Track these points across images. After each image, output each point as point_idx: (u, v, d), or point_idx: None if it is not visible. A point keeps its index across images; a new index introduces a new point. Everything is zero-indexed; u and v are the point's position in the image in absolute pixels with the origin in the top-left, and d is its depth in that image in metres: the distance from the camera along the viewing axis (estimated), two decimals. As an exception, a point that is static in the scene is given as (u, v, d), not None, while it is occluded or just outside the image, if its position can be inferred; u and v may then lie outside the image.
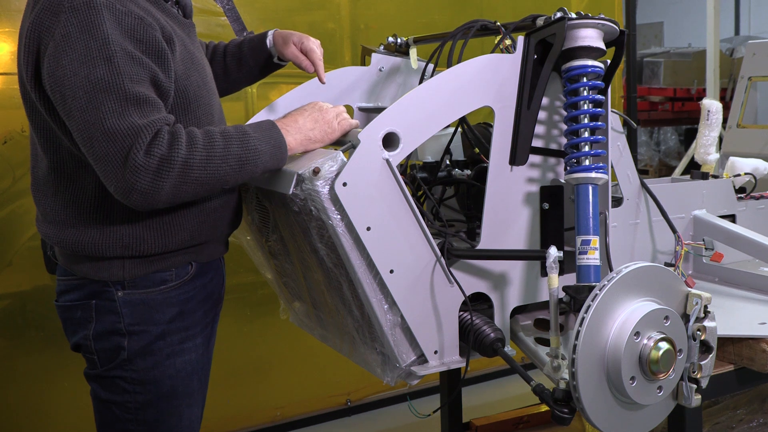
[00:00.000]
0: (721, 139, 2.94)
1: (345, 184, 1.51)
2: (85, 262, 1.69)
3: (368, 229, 1.54)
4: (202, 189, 1.54)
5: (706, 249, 2.05)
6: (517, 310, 1.77)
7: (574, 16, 1.65)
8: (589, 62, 1.64)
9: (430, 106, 1.61)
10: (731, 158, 2.70)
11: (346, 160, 1.53)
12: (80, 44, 1.49)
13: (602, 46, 1.66)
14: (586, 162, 1.62)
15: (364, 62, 2.29)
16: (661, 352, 1.41)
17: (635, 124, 2.58)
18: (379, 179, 1.55)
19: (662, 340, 1.42)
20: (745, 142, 2.85)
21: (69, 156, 1.64)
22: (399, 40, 2.24)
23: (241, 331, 3.44)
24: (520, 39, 1.68)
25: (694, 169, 2.27)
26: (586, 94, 1.64)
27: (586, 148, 1.62)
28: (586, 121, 1.63)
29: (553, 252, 1.49)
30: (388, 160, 1.55)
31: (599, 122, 1.65)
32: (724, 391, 2.09)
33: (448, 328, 1.67)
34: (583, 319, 1.39)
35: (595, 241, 1.56)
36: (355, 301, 1.68)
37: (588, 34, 1.64)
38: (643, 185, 1.99)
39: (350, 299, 1.69)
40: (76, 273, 1.71)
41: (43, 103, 1.60)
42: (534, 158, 1.72)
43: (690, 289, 1.50)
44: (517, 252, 1.73)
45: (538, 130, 1.72)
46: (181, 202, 1.60)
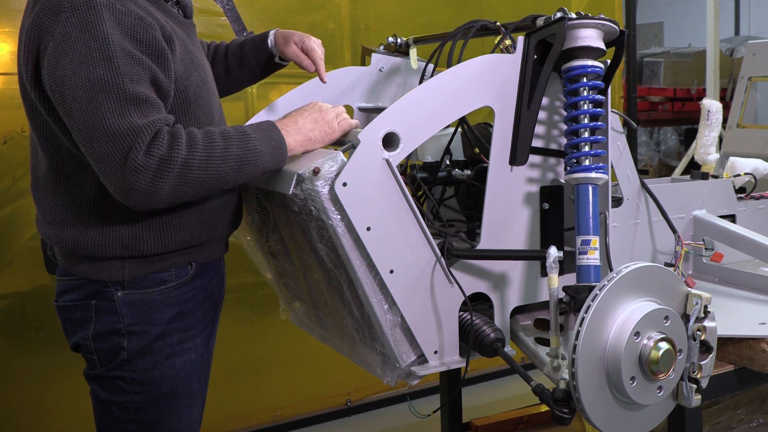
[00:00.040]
0: (721, 139, 2.94)
1: (345, 184, 1.51)
2: (84, 263, 1.69)
3: (368, 229, 1.54)
4: (202, 189, 1.54)
5: (706, 249, 2.05)
6: (517, 310, 1.77)
7: (574, 16, 1.65)
8: (589, 62, 1.64)
9: (430, 106, 1.61)
10: (731, 158, 2.70)
11: (346, 160, 1.53)
12: (80, 44, 1.49)
13: (602, 46, 1.66)
14: (586, 162, 1.62)
15: (364, 62, 2.29)
16: (661, 352, 1.41)
17: (635, 124, 2.58)
18: (379, 179, 1.55)
19: (662, 340, 1.42)
20: (745, 142, 2.85)
21: (69, 156, 1.64)
22: (399, 40, 2.24)
23: (241, 332, 3.43)
24: (520, 39, 1.68)
25: (694, 169, 2.27)
26: (586, 94, 1.64)
27: (586, 148, 1.62)
28: (586, 121, 1.63)
29: (553, 252, 1.48)
30: (388, 160, 1.55)
31: (599, 122, 1.65)
32: (724, 391, 2.09)
33: (448, 328, 1.67)
34: (583, 319, 1.39)
35: (595, 241, 1.56)
36: (355, 302, 1.68)
37: (588, 34, 1.64)
38: (643, 185, 1.99)
39: (350, 299, 1.69)
40: (76, 273, 1.71)
41: (43, 103, 1.60)
42: (534, 158, 1.72)
43: (690, 289, 1.50)
44: (517, 252, 1.73)
45: (538, 130, 1.72)
46: (180, 203, 1.60)
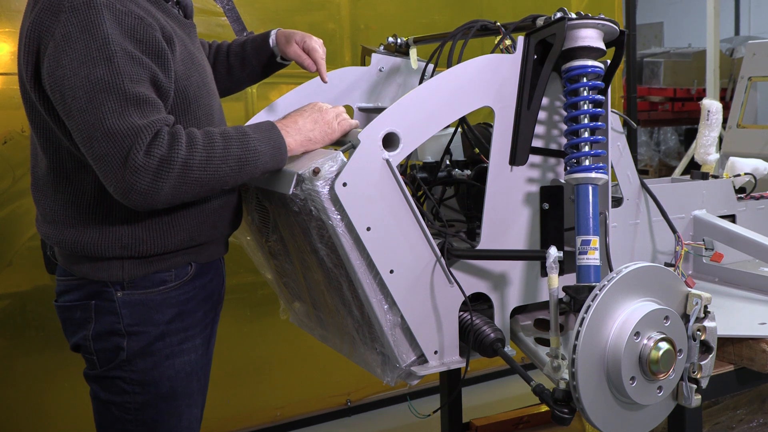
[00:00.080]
0: (721, 139, 2.94)
1: (345, 185, 1.51)
2: (84, 263, 1.69)
3: (368, 229, 1.54)
4: (202, 189, 1.54)
5: (706, 249, 2.05)
6: (517, 310, 1.77)
7: (574, 16, 1.65)
8: (589, 62, 1.64)
9: (430, 106, 1.61)
10: (731, 158, 2.70)
11: (346, 160, 1.53)
12: (80, 44, 1.49)
13: (602, 46, 1.66)
14: (586, 162, 1.62)
15: (364, 62, 2.29)
16: (661, 352, 1.41)
17: (635, 125, 2.58)
18: (379, 179, 1.55)
19: (662, 340, 1.42)
20: (745, 142, 2.85)
21: (68, 156, 1.64)
22: (399, 41, 2.24)
23: (241, 332, 3.43)
24: (520, 39, 1.68)
25: (694, 169, 2.27)
26: (586, 94, 1.64)
27: (586, 148, 1.62)
28: (586, 121, 1.63)
29: (553, 252, 1.48)
30: (388, 161, 1.55)
31: (599, 122, 1.65)
32: (724, 391, 2.09)
33: (448, 328, 1.67)
34: (583, 319, 1.39)
35: (595, 241, 1.56)
36: (355, 302, 1.68)
37: (588, 35, 1.64)
38: (643, 185, 1.99)
39: (350, 299, 1.69)
40: (76, 273, 1.71)
41: (43, 103, 1.60)
42: (534, 158, 1.72)
43: (690, 289, 1.50)
44: (517, 252, 1.73)
45: (538, 130, 1.72)
46: (180, 203, 1.60)
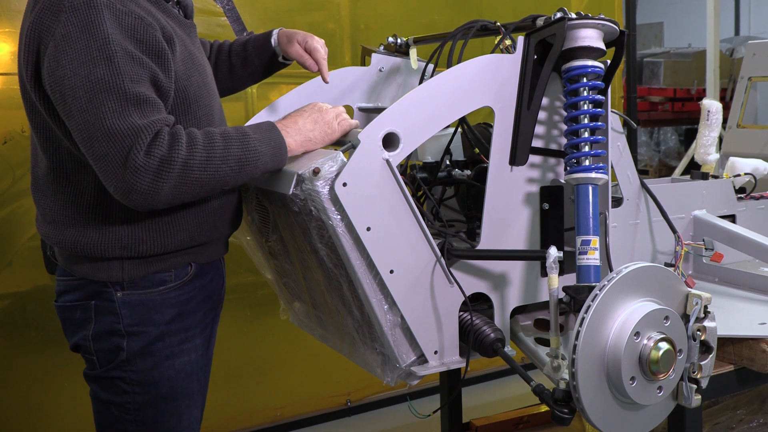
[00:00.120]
0: (721, 140, 2.94)
1: (345, 185, 1.51)
2: (84, 263, 1.69)
3: (368, 229, 1.54)
4: (202, 190, 1.54)
5: (706, 249, 2.05)
6: (517, 310, 1.77)
7: (574, 16, 1.65)
8: (589, 62, 1.64)
9: (430, 107, 1.61)
10: (731, 158, 2.70)
11: (346, 160, 1.53)
12: (80, 44, 1.49)
13: (602, 46, 1.66)
14: (586, 162, 1.62)
15: (364, 62, 2.29)
16: (661, 353, 1.41)
17: (635, 125, 2.58)
18: (379, 179, 1.55)
19: (662, 340, 1.42)
20: (745, 142, 2.85)
21: (68, 156, 1.64)
22: (399, 41, 2.24)
23: (241, 332, 3.43)
24: (520, 39, 1.68)
25: (694, 170, 2.27)
26: (586, 94, 1.64)
27: (586, 149, 1.62)
28: (586, 121, 1.63)
29: (553, 252, 1.48)
30: (388, 161, 1.55)
31: (599, 122, 1.65)
32: (724, 391, 2.09)
33: (448, 329, 1.67)
34: (583, 319, 1.39)
35: (595, 241, 1.56)
36: (355, 302, 1.68)
37: (588, 35, 1.64)
38: (643, 185, 1.99)
39: (350, 299, 1.69)
40: (76, 273, 1.71)
41: (43, 103, 1.60)
42: (534, 158, 1.72)
43: (690, 290, 1.49)
44: (517, 252, 1.73)
45: (538, 130, 1.72)
46: (180, 203, 1.60)
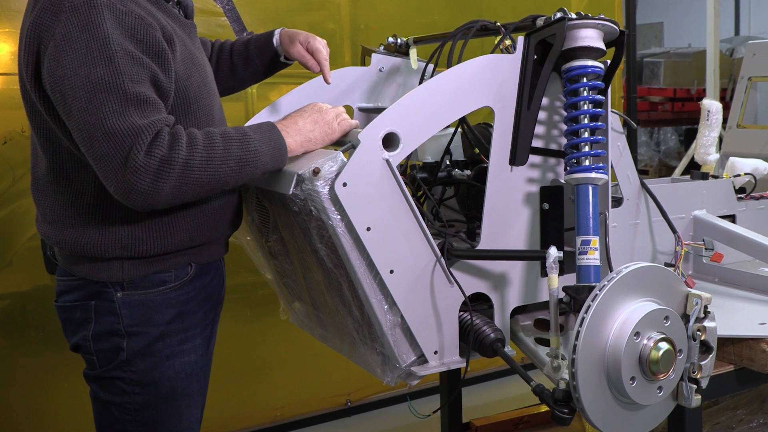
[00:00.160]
0: (721, 140, 2.94)
1: (345, 185, 1.51)
2: (84, 263, 1.69)
3: (368, 229, 1.54)
4: (202, 190, 1.54)
5: (706, 249, 2.05)
6: (517, 311, 1.77)
7: (574, 16, 1.65)
8: (589, 62, 1.64)
9: (430, 107, 1.61)
10: (731, 158, 2.70)
11: (346, 160, 1.53)
12: (81, 44, 1.49)
13: (602, 46, 1.66)
14: (586, 162, 1.62)
15: (364, 62, 2.29)
16: (661, 353, 1.41)
17: (635, 125, 2.58)
18: (379, 179, 1.55)
19: (662, 340, 1.42)
20: (745, 142, 2.85)
21: (68, 156, 1.64)
22: (399, 41, 2.24)
23: (241, 332, 3.43)
24: (520, 39, 1.68)
25: (694, 170, 2.27)
26: (586, 94, 1.64)
27: (586, 149, 1.62)
28: (586, 121, 1.63)
29: (553, 252, 1.48)
30: (388, 161, 1.55)
31: (599, 122, 1.65)
32: (724, 391, 2.09)
33: (448, 329, 1.67)
34: (583, 319, 1.39)
35: (595, 241, 1.56)
36: (355, 302, 1.68)
37: (588, 35, 1.64)
38: (643, 185, 1.99)
39: (350, 299, 1.69)
40: (76, 273, 1.71)
41: (43, 103, 1.60)
42: (534, 158, 1.72)
43: (690, 290, 1.49)
44: (517, 252, 1.73)
45: (538, 130, 1.72)
46: (181, 203, 1.60)
